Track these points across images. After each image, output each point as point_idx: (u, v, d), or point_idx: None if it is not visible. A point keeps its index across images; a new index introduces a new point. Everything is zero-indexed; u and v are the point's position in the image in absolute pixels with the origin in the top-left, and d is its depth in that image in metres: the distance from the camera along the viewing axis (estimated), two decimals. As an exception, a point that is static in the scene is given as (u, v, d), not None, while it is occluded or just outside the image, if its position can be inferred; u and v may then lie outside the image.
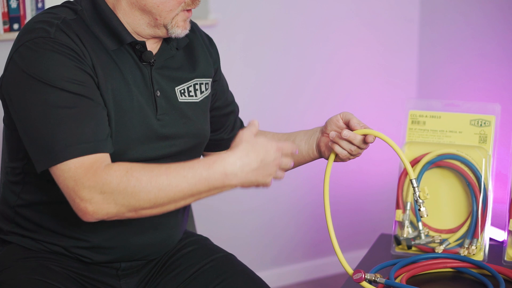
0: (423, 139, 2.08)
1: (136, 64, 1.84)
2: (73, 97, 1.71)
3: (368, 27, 3.63)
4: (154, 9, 1.80)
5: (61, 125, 1.69)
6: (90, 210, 1.67)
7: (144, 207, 1.67)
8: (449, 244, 2.01)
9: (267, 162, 1.69)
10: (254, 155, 1.68)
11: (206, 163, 1.66)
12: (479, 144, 2.04)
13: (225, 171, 1.66)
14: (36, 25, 1.77)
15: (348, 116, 1.92)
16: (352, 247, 3.64)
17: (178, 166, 1.67)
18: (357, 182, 3.73)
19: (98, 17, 1.81)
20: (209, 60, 1.99)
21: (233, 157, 1.66)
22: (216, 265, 1.98)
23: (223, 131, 2.09)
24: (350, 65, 3.62)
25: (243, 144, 1.68)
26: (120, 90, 1.80)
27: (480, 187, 2.00)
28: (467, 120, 2.06)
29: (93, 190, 1.66)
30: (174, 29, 1.83)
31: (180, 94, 1.90)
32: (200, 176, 1.66)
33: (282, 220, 3.62)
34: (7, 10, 2.84)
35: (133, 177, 1.66)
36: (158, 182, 1.66)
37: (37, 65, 1.71)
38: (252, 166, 1.68)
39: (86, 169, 1.68)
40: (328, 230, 1.88)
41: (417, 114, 2.10)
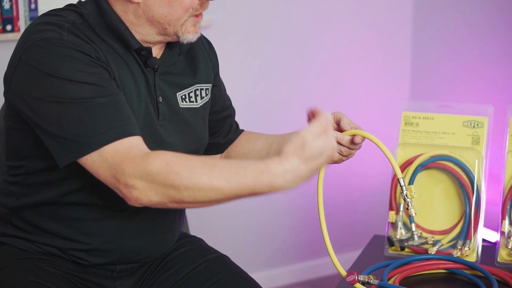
0: (416, 140, 2.08)
1: (140, 69, 1.83)
2: (93, 88, 1.69)
3: (361, 29, 3.63)
4: (162, 19, 1.79)
5: (86, 117, 1.67)
6: (135, 196, 1.63)
7: (185, 201, 1.62)
8: (442, 246, 2.01)
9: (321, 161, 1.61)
10: (308, 165, 1.60)
11: (254, 171, 1.58)
12: (472, 145, 2.04)
13: (272, 184, 1.58)
14: (44, 27, 1.75)
15: (339, 116, 1.92)
16: (345, 248, 3.64)
17: (223, 168, 1.60)
18: (351, 183, 3.73)
19: (104, 22, 1.80)
20: (209, 65, 1.99)
21: (281, 169, 1.58)
22: (210, 266, 1.98)
23: (219, 135, 2.09)
24: (344, 66, 3.62)
25: (296, 153, 1.58)
26: (132, 92, 1.79)
27: (473, 188, 2.01)
28: (460, 122, 2.07)
29: (133, 176, 1.62)
30: (185, 35, 1.82)
31: (181, 100, 1.90)
32: (245, 184, 1.59)
33: (276, 221, 3.62)
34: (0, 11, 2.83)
35: (172, 170, 1.60)
36: (198, 180, 1.59)
37: (52, 62, 1.70)
38: (304, 176, 1.61)
39: (123, 156, 1.64)
40: (322, 233, 1.88)
41: (410, 115, 2.10)
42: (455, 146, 2.05)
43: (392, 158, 1.82)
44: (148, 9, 1.79)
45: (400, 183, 1.82)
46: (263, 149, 2.07)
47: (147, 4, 1.78)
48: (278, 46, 3.46)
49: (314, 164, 1.59)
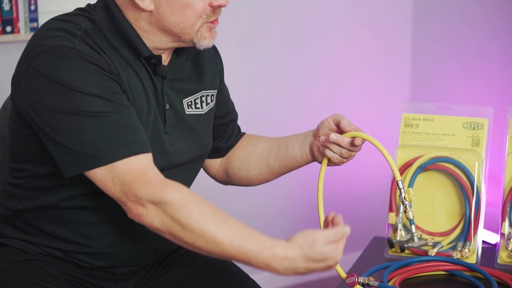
0: (416, 142, 2.08)
1: (149, 77, 1.82)
2: (105, 103, 1.68)
3: (361, 29, 3.63)
4: (175, 28, 1.78)
5: (98, 131, 1.67)
6: (139, 213, 1.65)
7: (183, 240, 1.63)
8: (442, 247, 2.01)
9: (318, 267, 1.62)
10: (306, 264, 1.60)
11: (258, 244, 1.59)
12: (472, 147, 2.04)
13: (269, 263, 1.59)
14: (55, 33, 1.73)
15: (339, 117, 1.92)
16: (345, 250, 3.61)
17: (232, 227, 1.61)
18: (350, 184, 3.73)
19: (115, 29, 1.78)
20: (215, 70, 1.98)
21: (283, 255, 1.59)
22: (211, 267, 1.98)
23: (221, 140, 2.09)
24: (344, 67, 3.62)
25: (301, 248, 1.59)
26: (141, 101, 1.78)
27: (473, 190, 2.01)
28: (460, 123, 2.07)
29: (145, 198, 1.63)
30: (201, 41, 1.80)
31: (187, 107, 1.89)
32: (246, 251, 1.60)
33: (276, 223, 3.62)
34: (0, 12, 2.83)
35: (186, 207, 1.61)
36: (206, 227, 1.60)
37: (64, 72, 1.68)
38: (298, 271, 1.61)
39: (137, 175, 1.65)
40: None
41: (410, 117, 2.10)
42: (455, 148, 2.05)
43: (391, 160, 1.82)
44: (160, 18, 1.77)
45: (399, 185, 1.82)
46: (263, 152, 2.07)
47: (160, 12, 1.76)
48: (278, 47, 3.46)
49: (313, 266, 1.60)
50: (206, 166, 2.13)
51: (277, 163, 2.04)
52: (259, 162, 2.06)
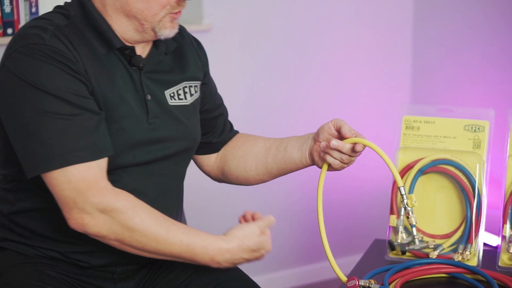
0: (417, 144, 2.08)
1: (126, 69, 1.84)
2: (68, 106, 1.72)
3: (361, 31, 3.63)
4: (139, 14, 1.80)
5: (56, 132, 1.70)
6: (85, 222, 1.72)
7: (132, 245, 1.74)
8: (443, 250, 2.01)
9: (253, 257, 1.79)
10: (244, 254, 1.77)
11: (204, 242, 1.75)
12: (473, 149, 2.04)
13: (213, 257, 1.75)
14: (29, 31, 1.77)
15: (340, 123, 1.92)
16: (346, 252, 3.64)
17: (179, 228, 1.75)
18: (351, 187, 3.73)
19: (89, 23, 1.81)
20: (198, 63, 1.99)
21: (225, 247, 1.75)
22: (211, 269, 1.97)
23: (212, 135, 2.09)
24: (344, 69, 3.62)
25: (240, 240, 1.76)
26: (111, 97, 1.80)
27: (474, 192, 2.01)
28: (461, 126, 2.06)
29: (96, 206, 1.71)
30: (162, 30, 1.83)
31: (170, 98, 1.90)
32: (192, 250, 1.74)
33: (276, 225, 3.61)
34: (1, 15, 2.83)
35: (138, 215, 1.72)
36: (157, 231, 1.73)
37: (32, 71, 1.72)
38: (237, 261, 1.78)
39: (89, 184, 1.71)
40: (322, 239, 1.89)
41: (411, 119, 2.10)
42: (456, 150, 2.04)
43: (393, 166, 1.83)
44: (125, 2, 1.80)
45: (401, 191, 1.83)
46: (261, 153, 2.07)
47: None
48: (278, 49, 3.45)
49: (250, 256, 1.78)
50: (200, 163, 2.14)
51: (275, 165, 2.04)
52: (256, 162, 2.07)
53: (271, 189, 3.45)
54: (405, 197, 1.83)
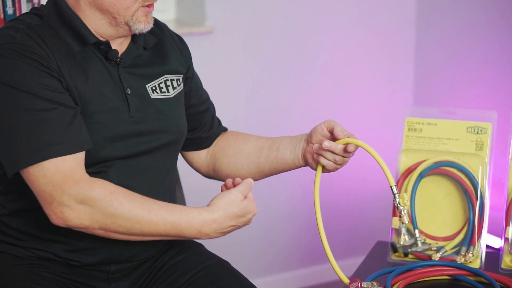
0: (420, 146, 2.08)
1: (103, 64, 1.85)
2: (42, 101, 1.73)
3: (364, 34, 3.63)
4: (111, 7, 1.81)
5: (31, 129, 1.71)
6: (66, 216, 1.72)
7: (117, 231, 1.74)
8: (446, 252, 2.01)
9: (240, 224, 1.81)
10: (231, 221, 1.78)
11: (187, 216, 1.75)
12: (475, 151, 2.04)
13: (200, 229, 1.75)
14: (2, 32, 1.80)
15: (332, 124, 1.93)
16: (348, 254, 3.64)
17: (161, 207, 1.75)
18: (354, 188, 3.73)
19: (62, 20, 1.83)
20: (179, 58, 2.00)
21: (211, 218, 1.75)
22: (210, 272, 1.97)
23: (200, 130, 2.10)
24: (347, 71, 3.62)
25: (225, 208, 1.77)
26: (87, 92, 1.81)
27: (476, 194, 2.00)
28: (464, 128, 2.06)
29: (73, 198, 1.71)
30: (136, 25, 1.84)
31: (152, 91, 1.91)
32: (178, 225, 1.74)
33: (277, 227, 3.62)
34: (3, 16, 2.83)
35: (117, 200, 1.72)
36: (138, 214, 1.73)
37: (5, 70, 1.73)
38: (225, 230, 1.78)
39: (65, 176, 1.71)
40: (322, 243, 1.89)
41: (413, 121, 2.10)
42: (459, 152, 2.04)
43: (385, 165, 1.84)
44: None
45: (393, 191, 1.84)
46: (253, 152, 2.08)
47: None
48: (280, 50, 3.45)
49: (237, 222, 1.79)
50: (190, 159, 2.15)
51: (267, 165, 2.05)
52: (248, 161, 2.07)
53: (272, 191, 3.45)
54: (397, 196, 1.84)
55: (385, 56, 3.70)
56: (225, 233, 1.79)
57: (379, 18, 3.66)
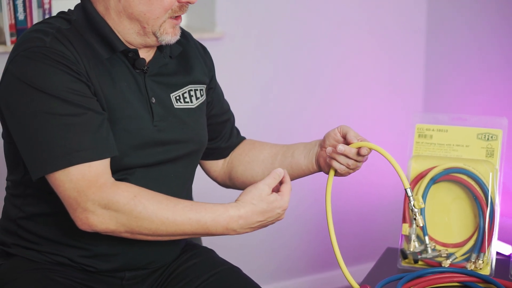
0: (430, 152, 2.07)
1: (130, 71, 1.85)
2: (70, 106, 1.72)
3: (374, 40, 3.63)
4: (141, 17, 1.81)
5: (59, 133, 1.71)
6: (91, 221, 1.72)
7: (143, 233, 1.73)
8: (456, 258, 2.01)
9: (269, 219, 1.77)
10: (258, 217, 1.75)
11: (213, 213, 1.73)
12: (486, 158, 2.03)
13: (227, 226, 1.74)
14: (31, 35, 1.79)
15: (346, 129, 1.93)
16: (358, 261, 3.63)
17: (186, 206, 1.73)
18: (363, 194, 3.73)
19: (91, 26, 1.83)
20: (203, 68, 2.00)
21: (237, 214, 1.73)
22: (221, 278, 1.98)
23: (220, 140, 2.10)
24: (357, 78, 3.62)
25: (251, 203, 1.74)
26: (114, 98, 1.81)
27: (487, 201, 2.00)
28: (474, 134, 2.06)
29: (98, 204, 1.70)
30: (164, 36, 1.84)
31: (176, 101, 1.91)
32: (204, 224, 1.73)
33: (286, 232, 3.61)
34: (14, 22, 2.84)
35: (140, 203, 1.71)
36: (163, 215, 1.72)
37: (34, 73, 1.73)
38: (253, 225, 1.76)
39: (90, 182, 1.71)
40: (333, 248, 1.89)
41: (424, 127, 2.09)
42: (469, 159, 2.04)
43: (399, 168, 1.83)
44: (128, 5, 1.81)
45: (408, 193, 1.83)
46: (268, 158, 2.08)
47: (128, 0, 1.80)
48: (290, 56, 3.46)
49: (265, 218, 1.76)
50: (207, 168, 2.15)
51: None
52: (263, 168, 2.07)
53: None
54: (411, 198, 1.84)
55: (395, 62, 3.70)
56: (254, 229, 1.77)
57: (390, 25, 3.66)
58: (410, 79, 3.75)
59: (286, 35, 3.43)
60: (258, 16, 3.36)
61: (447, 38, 3.65)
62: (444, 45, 3.66)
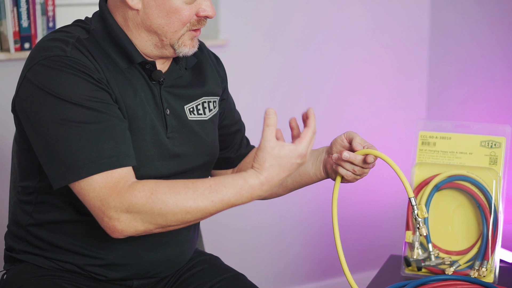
0: (433, 160, 2.07)
1: (146, 82, 1.85)
2: (92, 114, 1.71)
3: (377, 48, 3.63)
4: (160, 30, 1.81)
5: (81, 141, 1.69)
6: (119, 229, 1.69)
7: (171, 225, 1.70)
8: (459, 266, 2.00)
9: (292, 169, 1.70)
10: (279, 175, 1.69)
11: (234, 188, 1.68)
12: (489, 165, 2.03)
13: (251, 196, 1.70)
14: (50, 43, 1.78)
15: (352, 135, 1.93)
16: (361, 268, 3.63)
17: (205, 189, 1.69)
18: (367, 201, 3.73)
19: (109, 37, 1.82)
20: (217, 79, 2.00)
21: (258, 182, 1.68)
22: (226, 285, 1.98)
23: (230, 150, 2.10)
24: (360, 85, 3.62)
25: (267, 161, 1.68)
26: (134, 108, 1.80)
27: (490, 208, 2.00)
28: (478, 142, 2.06)
29: (119, 210, 1.68)
30: (181, 48, 1.84)
31: (189, 113, 1.91)
32: (228, 201, 1.69)
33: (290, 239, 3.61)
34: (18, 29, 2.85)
35: (158, 199, 1.68)
36: (185, 205, 1.68)
37: (55, 82, 1.72)
38: (277, 183, 1.70)
39: (111, 189, 1.69)
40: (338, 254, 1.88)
41: (427, 135, 2.09)
42: (473, 166, 2.04)
43: (404, 177, 1.83)
44: (146, 18, 1.80)
45: (412, 202, 1.83)
46: None
47: (146, 12, 1.80)
48: (293, 64, 3.46)
49: (285, 171, 1.69)
50: None
51: (290, 179, 2.05)
52: None
53: (286, 202, 3.44)
54: (415, 207, 1.83)
55: (399, 70, 3.70)
56: (278, 184, 1.72)
57: (393, 33, 3.66)
58: (413, 87, 3.75)
59: (289, 42, 3.43)
60: (262, 24, 3.36)
61: (450, 46, 3.65)
62: (447, 53, 3.66)
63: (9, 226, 1.95)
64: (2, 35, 2.88)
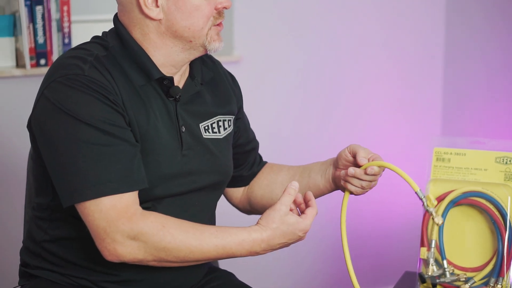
0: (448, 176, 2.07)
1: (162, 100, 1.84)
2: (105, 136, 1.72)
3: (393, 64, 3.63)
4: (186, 32, 1.81)
5: (92, 162, 1.70)
6: (119, 252, 1.71)
7: (170, 261, 1.74)
8: (475, 283, 2.00)
9: (291, 241, 1.80)
10: (280, 239, 1.78)
11: (237, 238, 1.75)
12: (504, 181, 2.03)
13: (250, 249, 1.76)
14: (69, 61, 1.78)
15: (355, 148, 1.93)
16: (375, 284, 3.62)
17: (211, 234, 1.75)
18: (381, 216, 3.72)
19: (127, 53, 1.82)
20: (232, 98, 2.00)
21: (260, 238, 1.76)
22: None
23: (243, 168, 2.10)
24: (375, 101, 3.62)
25: (275, 223, 1.76)
26: (147, 129, 1.80)
27: (505, 225, 1.99)
28: (493, 158, 2.05)
29: (126, 235, 1.70)
30: (212, 44, 1.85)
31: (204, 131, 1.91)
32: (229, 250, 1.75)
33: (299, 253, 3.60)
34: (34, 45, 2.87)
35: (169, 233, 1.71)
36: (191, 244, 1.73)
37: (70, 101, 1.73)
38: (275, 247, 1.79)
39: (120, 212, 1.70)
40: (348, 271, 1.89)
41: (442, 151, 2.09)
42: (488, 183, 2.03)
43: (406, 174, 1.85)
44: (171, 24, 1.81)
45: (419, 195, 1.86)
46: (286, 180, 2.08)
47: (170, 19, 1.81)
48: (307, 80, 3.47)
49: (285, 239, 1.78)
50: (229, 196, 2.14)
51: (301, 192, 2.05)
52: (282, 190, 2.07)
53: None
54: (424, 200, 1.84)
55: (414, 86, 3.70)
56: (274, 249, 1.80)
57: (408, 49, 3.66)
58: (428, 103, 3.75)
59: (303, 59, 3.44)
60: (276, 40, 3.37)
61: (465, 62, 3.65)
62: (462, 70, 3.66)
63: (24, 242, 1.96)
64: (18, 51, 2.90)
